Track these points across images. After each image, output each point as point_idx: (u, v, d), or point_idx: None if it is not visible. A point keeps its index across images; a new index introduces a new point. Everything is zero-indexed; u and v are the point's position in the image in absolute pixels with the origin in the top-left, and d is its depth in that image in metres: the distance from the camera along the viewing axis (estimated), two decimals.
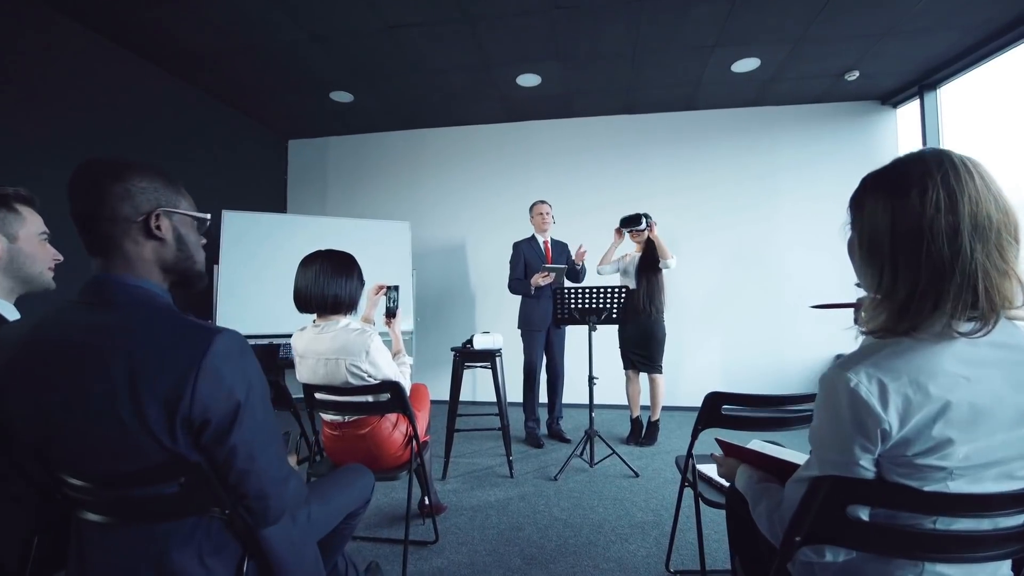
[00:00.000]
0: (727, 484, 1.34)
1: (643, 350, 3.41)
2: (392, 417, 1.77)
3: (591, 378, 2.97)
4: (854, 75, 3.95)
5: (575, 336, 3.81)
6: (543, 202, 3.66)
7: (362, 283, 1.74)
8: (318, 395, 1.73)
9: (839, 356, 4.43)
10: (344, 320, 1.68)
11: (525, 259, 3.56)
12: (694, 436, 1.49)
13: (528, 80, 4.11)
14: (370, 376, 1.65)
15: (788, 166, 4.58)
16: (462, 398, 4.92)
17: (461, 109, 4.74)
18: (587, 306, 2.95)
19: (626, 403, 3.66)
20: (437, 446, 3.29)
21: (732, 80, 4.10)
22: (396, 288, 1.98)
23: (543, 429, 3.68)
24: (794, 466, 0.90)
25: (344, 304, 1.66)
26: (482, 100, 4.52)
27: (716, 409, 1.42)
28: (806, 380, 4.46)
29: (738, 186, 4.64)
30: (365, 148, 5.34)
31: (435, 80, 4.10)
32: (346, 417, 1.72)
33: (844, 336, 3.87)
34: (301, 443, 1.87)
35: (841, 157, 4.50)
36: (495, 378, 2.89)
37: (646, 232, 3.43)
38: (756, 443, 1.16)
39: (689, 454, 1.52)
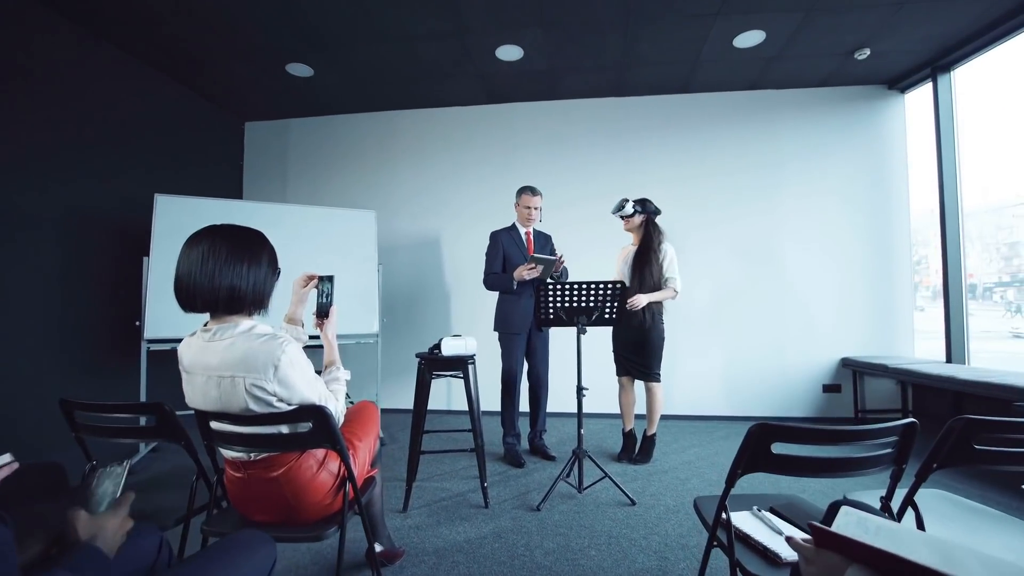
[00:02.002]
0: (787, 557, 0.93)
1: (638, 356, 3.00)
2: (318, 453, 1.31)
3: (580, 388, 2.54)
4: (864, 53, 3.62)
5: (560, 338, 3.40)
6: (534, 193, 3.13)
7: (275, 271, 1.28)
8: (214, 424, 1.26)
9: (845, 359, 4.13)
10: (246, 323, 1.22)
11: (504, 251, 3.12)
12: (730, 482, 1.07)
13: (509, 53, 3.68)
14: (281, 400, 1.19)
15: (790, 156, 4.24)
16: (434, 407, 4.49)
17: (435, 88, 4.29)
18: (575, 304, 2.52)
19: (617, 412, 3.25)
20: (399, 467, 2.84)
21: (733, 57, 3.73)
22: (330, 279, 1.52)
23: (524, 444, 3.26)
24: None
25: (245, 300, 1.20)
26: (458, 77, 4.08)
27: (764, 447, 1.01)
28: (812, 385, 4.12)
29: (737, 177, 4.28)
30: (330, 131, 4.84)
31: (404, 51, 3.64)
32: (252, 454, 1.26)
33: (852, 339, 3.51)
34: (198, 486, 1.40)
35: (846, 147, 4.18)
36: (468, 390, 2.45)
37: (636, 219, 3.03)
38: (850, 515, 0.75)
39: (722, 506, 1.10)
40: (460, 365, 2.46)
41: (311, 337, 1.56)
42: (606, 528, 2.16)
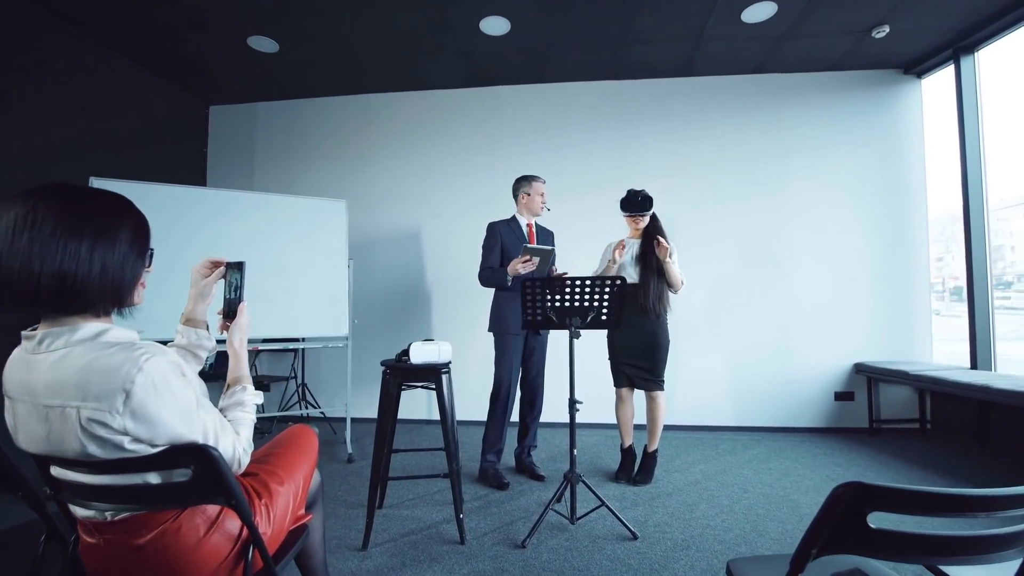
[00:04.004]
0: None
1: (645, 360, 2.66)
2: (210, 509, 0.94)
3: (572, 402, 2.18)
4: (883, 31, 3.32)
5: (550, 340, 3.03)
6: (542, 180, 2.88)
7: (142, 254, 0.91)
8: (55, 470, 0.89)
9: (859, 365, 3.82)
10: (92, 326, 0.84)
11: (503, 244, 2.77)
12: (799, 566, 0.72)
13: (495, 26, 3.32)
14: (138, 440, 0.81)
15: (798, 147, 3.93)
16: (412, 416, 4.12)
17: (414, 68, 3.92)
18: (567, 304, 2.17)
19: (613, 422, 2.90)
20: (360, 490, 2.46)
21: (740, 34, 3.41)
22: (239, 267, 1.15)
23: (507, 460, 2.88)
24: None
25: (89, 294, 0.83)
26: (440, 54, 3.71)
27: (856, 519, 0.66)
28: (823, 392, 3.80)
29: (741, 169, 3.96)
30: (301, 116, 4.45)
31: (377, 22, 3.27)
32: (108, 514, 0.88)
33: (865, 344, 3.18)
34: (48, 549, 1.02)
35: (858, 136, 3.88)
36: (441, 405, 2.08)
37: (647, 217, 2.70)
38: None
39: None
40: (432, 375, 2.09)
41: (219, 342, 1.18)
42: (604, 571, 1.81)
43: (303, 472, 1.23)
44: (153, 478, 0.87)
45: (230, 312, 1.12)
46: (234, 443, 0.93)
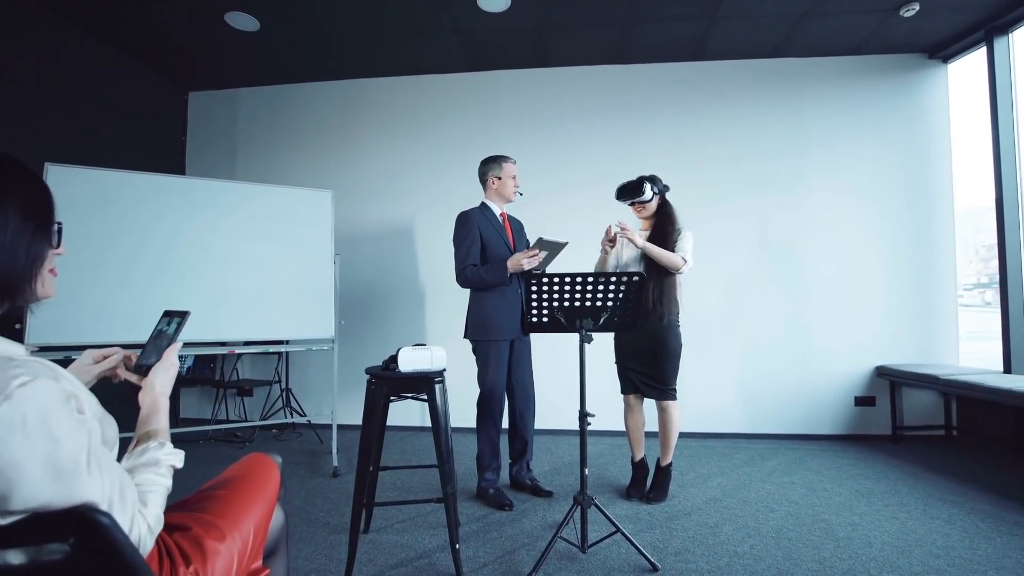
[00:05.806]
0: None
1: (651, 367, 2.40)
2: None
3: (584, 415, 1.93)
4: (912, 9, 3.08)
5: (540, 337, 2.75)
6: (512, 160, 2.63)
7: (37, 230, 0.68)
8: None
9: (881, 368, 3.59)
10: None
11: (483, 237, 2.50)
12: None
13: (493, 1, 3.05)
14: None
15: (815, 137, 3.69)
16: (404, 423, 3.85)
17: (406, 50, 3.65)
18: (578, 303, 1.91)
19: (621, 429, 2.64)
20: (345, 510, 2.19)
21: (758, 11, 3.17)
22: (182, 318, 0.91)
23: (504, 477, 2.61)
24: None
25: None
26: (433, 35, 3.45)
27: None
28: (843, 396, 3.57)
29: (755, 162, 3.72)
30: (285, 103, 4.17)
31: None
32: None
33: (887, 345, 2.88)
34: None
35: (879, 126, 3.64)
36: (435, 419, 1.82)
37: (654, 202, 2.45)
38: None
39: None
40: (424, 385, 1.83)
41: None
42: None
43: (256, 517, 0.96)
44: (15, 557, 0.61)
45: (145, 363, 0.88)
46: (134, 518, 0.66)
